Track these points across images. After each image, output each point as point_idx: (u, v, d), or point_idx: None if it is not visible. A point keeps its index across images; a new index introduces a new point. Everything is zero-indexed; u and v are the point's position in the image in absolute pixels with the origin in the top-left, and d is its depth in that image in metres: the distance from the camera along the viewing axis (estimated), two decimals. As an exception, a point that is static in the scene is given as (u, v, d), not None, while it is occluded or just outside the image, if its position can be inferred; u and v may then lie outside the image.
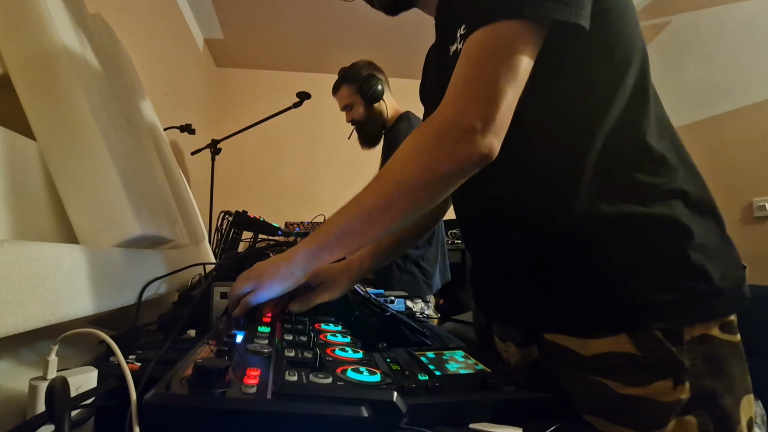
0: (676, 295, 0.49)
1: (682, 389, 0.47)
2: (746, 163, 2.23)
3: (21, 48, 0.66)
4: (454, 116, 0.51)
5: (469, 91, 0.50)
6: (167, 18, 2.51)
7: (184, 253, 1.11)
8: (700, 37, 2.51)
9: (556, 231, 0.55)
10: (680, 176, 0.53)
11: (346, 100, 1.79)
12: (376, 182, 0.56)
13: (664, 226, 0.50)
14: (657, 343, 0.48)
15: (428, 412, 0.43)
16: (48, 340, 0.40)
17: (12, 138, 0.60)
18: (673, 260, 0.50)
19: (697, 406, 0.47)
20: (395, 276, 1.66)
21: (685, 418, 0.47)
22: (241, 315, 0.59)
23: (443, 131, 0.51)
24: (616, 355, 0.49)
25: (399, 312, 0.83)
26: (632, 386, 0.49)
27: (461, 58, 0.52)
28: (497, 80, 0.48)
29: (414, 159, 0.53)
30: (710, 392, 0.48)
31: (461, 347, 0.65)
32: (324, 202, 3.46)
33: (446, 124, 0.51)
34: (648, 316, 0.49)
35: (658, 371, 0.48)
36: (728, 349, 0.50)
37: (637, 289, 0.50)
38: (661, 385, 0.47)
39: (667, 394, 0.47)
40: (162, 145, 1.28)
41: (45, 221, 0.64)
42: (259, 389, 0.32)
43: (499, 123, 0.49)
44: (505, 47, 0.49)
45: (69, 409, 0.33)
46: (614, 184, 0.52)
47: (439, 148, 0.51)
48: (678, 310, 0.48)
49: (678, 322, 0.48)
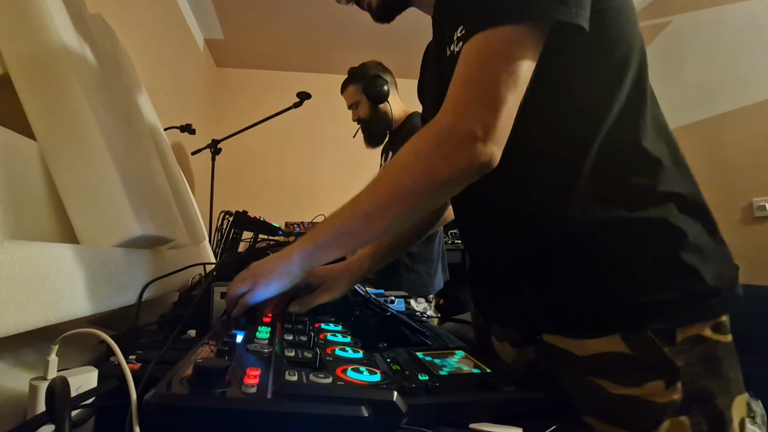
0: (670, 295, 0.49)
1: (675, 390, 0.47)
2: (746, 163, 2.23)
3: (21, 48, 0.66)
4: (454, 123, 0.50)
5: (470, 97, 0.49)
6: (167, 18, 2.51)
7: (185, 253, 1.11)
8: (700, 37, 2.51)
9: (553, 234, 0.55)
10: (674, 178, 0.53)
11: (352, 99, 1.81)
12: (374, 185, 0.56)
13: (658, 229, 0.51)
14: (649, 343, 0.48)
15: (428, 412, 0.43)
16: (48, 340, 0.39)
17: (12, 138, 0.60)
18: (667, 262, 0.50)
19: (692, 407, 0.47)
20: (402, 276, 1.66)
21: (679, 418, 0.47)
22: (240, 315, 0.60)
23: (443, 138, 0.51)
24: (610, 356, 0.50)
25: (399, 312, 0.83)
26: (626, 386, 0.49)
27: (460, 63, 0.51)
28: (498, 87, 0.48)
29: (413, 164, 0.52)
30: (705, 393, 0.48)
31: (461, 347, 0.65)
32: (324, 202, 3.46)
33: (446, 130, 0.50)
34: (642, 317, 0.49)
35: (650, 372, 0.48)
36: (723, 349, 0.50)
37: (631, 290, 0.50)
38: (653, 385, 0.48)
39: (659, 395, 0.47)
40: (162, 145, 1.28)
41: (45, 221, 0.64)
42: (259, 389, 0.32)
43: (500, 131, 0.49)
44: (506, 52, 0.48)
45: (69, 409, 0.33)
46: (610, 187, 0.52)
47: (438, 154, 0.50)
48: (672, 310, 0.49)
49: (671, 323, 0.48)
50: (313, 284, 0.71)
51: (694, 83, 2.52)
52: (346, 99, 1.85)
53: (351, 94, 1.82)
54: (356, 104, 1.81)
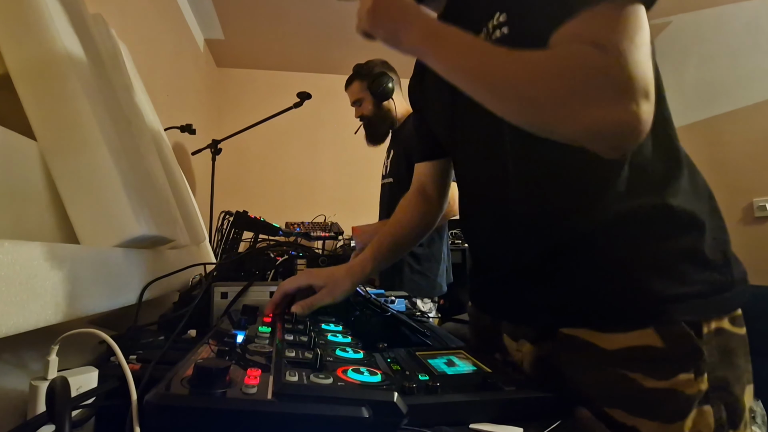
0: (697, 287, 0.50)
1: (702, 380, 0.49)
2: (746, 163, 2.23)
3: (22, 48, 0.66)
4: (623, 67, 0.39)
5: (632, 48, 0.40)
6: (168, 18, 2.51)
7: (185, 253, 1.11)
8: (700, 37, 2.51)
9: (579, 226, 0.55)
10: (689, 171, 0.54)
11: (357, 96, 1.81)
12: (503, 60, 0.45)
13: (685, 222, 0.52)
14: (683, 335, 0.49)
15: (428, 412, 0.43)
16: (48, 340, 0.39)
17: (12, 138, 0.60)
18: (694, 254, 0.51)
19: (713, 396, 0.49)
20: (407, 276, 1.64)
21: (703, 408, 0.48)
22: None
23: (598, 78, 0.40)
24: (641, 349, 0.50)
25: (399, 312, 0.83)
26: (657, 379, 0.50)
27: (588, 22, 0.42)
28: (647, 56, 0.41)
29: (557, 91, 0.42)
30: (724, 382, 0.50)
31: (461, 347, 0.65)
32: (324, 202, 3.46)
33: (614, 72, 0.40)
34: (673, 309, 0.50)
35: (681, 364, 0.49)
36: (738, 340, 0.52)
37: (661, 283, 0.51)
38: (683, 377, 0.49)
39: (689, 386, 0.48)
40: (162, 146, 1.28)
41: (45, 221, 0.64)
42: (259, 389, 0.32)
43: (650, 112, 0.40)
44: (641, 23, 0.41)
45: (69, 409, 0.33)
46: (632, 181, 0.52)
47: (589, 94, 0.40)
48: (700, 303, 0.50)
49: (699, 315, 0.50)
50: (315, 286, 0.71)
51: (694, 83, 2.52)
52: (350, 95, 1.84)
53: (355, 91, 1.81)
54: (360, 101, 1.80)
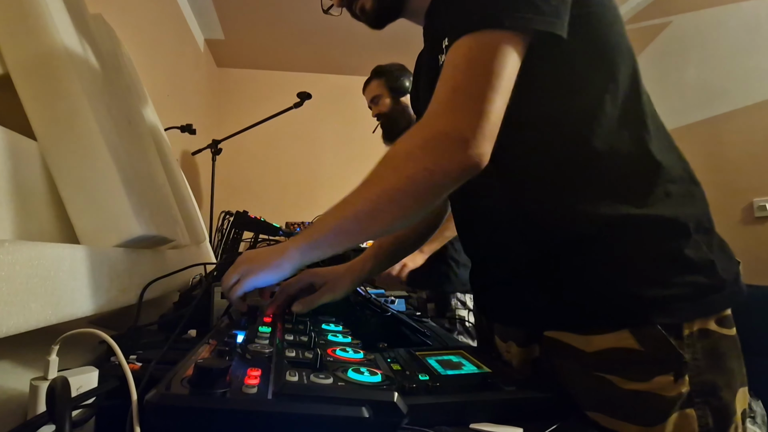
0: (677, 290, 0.50)
1: (683, 383, 0.48)
2: (746, 163, 2.23)
3: (22, 48, 0.66)
4: (444, 125, 0.50)
5: (458, 100, 0.50)
6: (168, 18, 2.52)
7: (185, 253, 1.11)
8: (700, 37, 2.51)
9: (559, 232, 0.55)
10: (675, 174, 0.54)
11: (374, 92, 1.82)
12: (366, 186, 0.55)
13: (663, 225, 0.52)
14: (659, 338, 0.49)
15: (429, 412, 0.43)
16: (49, 340, 0.39)
17: (13, 138, 0.60)
18: (673, 257, 0.51)
19: (697, 400, 0.48)
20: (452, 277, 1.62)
21: (686, 411, 0.48)
22: (240, 309, 0.61)
23: (433, 140, 0.51)
24: (618, 351, 0.50)
25: (399, 312, 0.83)
26: (635, 381, 0.49)
27: (446, 67, 0.52)
28: (485, 89, 0.49)
29: (402, 167, 0.52)
30: (710, 386, 0.49)
31: (462, 347, 0.65)
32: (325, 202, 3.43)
33: (437, 133, 0.51)
34: (650, 312, 0.49)
35: (659, 366, 0.49)
36: (727, 342, 0.51)
37: (638, 285, 0.51)
38: (662, 379, 0.48)
39: (668, 389, 0.48)
40: (163, 146, 1.28)
41: (46, 221, 0.64)
42: (259, 389, 0.32)
43: (489, 132, 0.49)
44: (489, 56, 0.49)
45: (70, 409, 0.33)
46: (615, 186, 0.53)
47: (428, 157, 0.51)
48: (679, 305, 0.50)
49: (678, 317, 0.49)
50: (316, 284, 0.71)
51: (695, 83, 2.52)
52: (368, 95, 1.86)
53: (373, 88, 1.82)
54: (378, 98, 1.81)
